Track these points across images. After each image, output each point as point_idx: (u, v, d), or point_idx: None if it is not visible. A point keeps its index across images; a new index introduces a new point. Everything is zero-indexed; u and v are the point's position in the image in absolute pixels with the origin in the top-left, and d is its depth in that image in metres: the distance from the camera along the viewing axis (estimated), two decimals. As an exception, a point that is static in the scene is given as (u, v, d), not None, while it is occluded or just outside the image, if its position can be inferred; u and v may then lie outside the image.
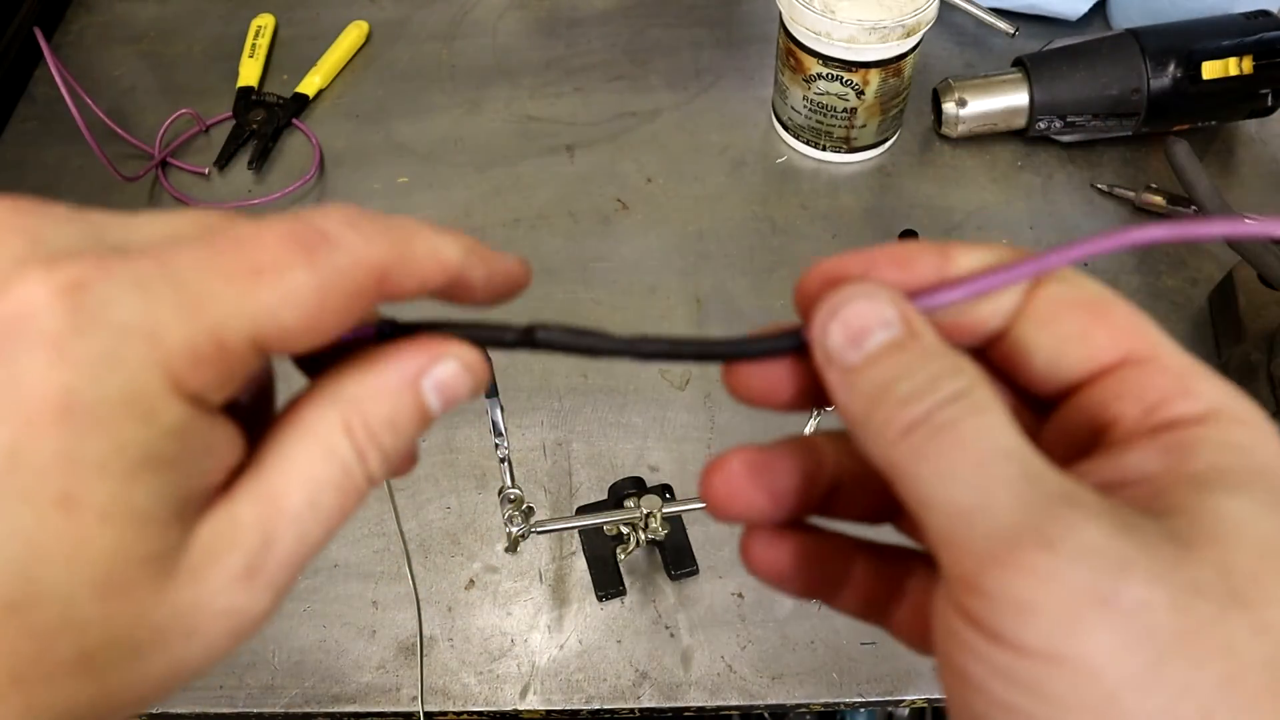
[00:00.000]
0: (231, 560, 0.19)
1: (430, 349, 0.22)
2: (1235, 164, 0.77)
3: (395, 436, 0.21)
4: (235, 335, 0.18)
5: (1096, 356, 0.21)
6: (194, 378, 0.18)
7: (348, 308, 0.19)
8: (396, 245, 0.20)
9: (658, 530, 0.52)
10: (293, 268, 0.19)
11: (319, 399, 0.21)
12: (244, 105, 0.82)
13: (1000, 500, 0.18)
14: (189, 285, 0.18)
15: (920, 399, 0.19)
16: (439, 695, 0.55)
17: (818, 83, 0.71)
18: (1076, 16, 0.84)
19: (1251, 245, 0.61)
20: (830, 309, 0.21)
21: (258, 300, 0.18)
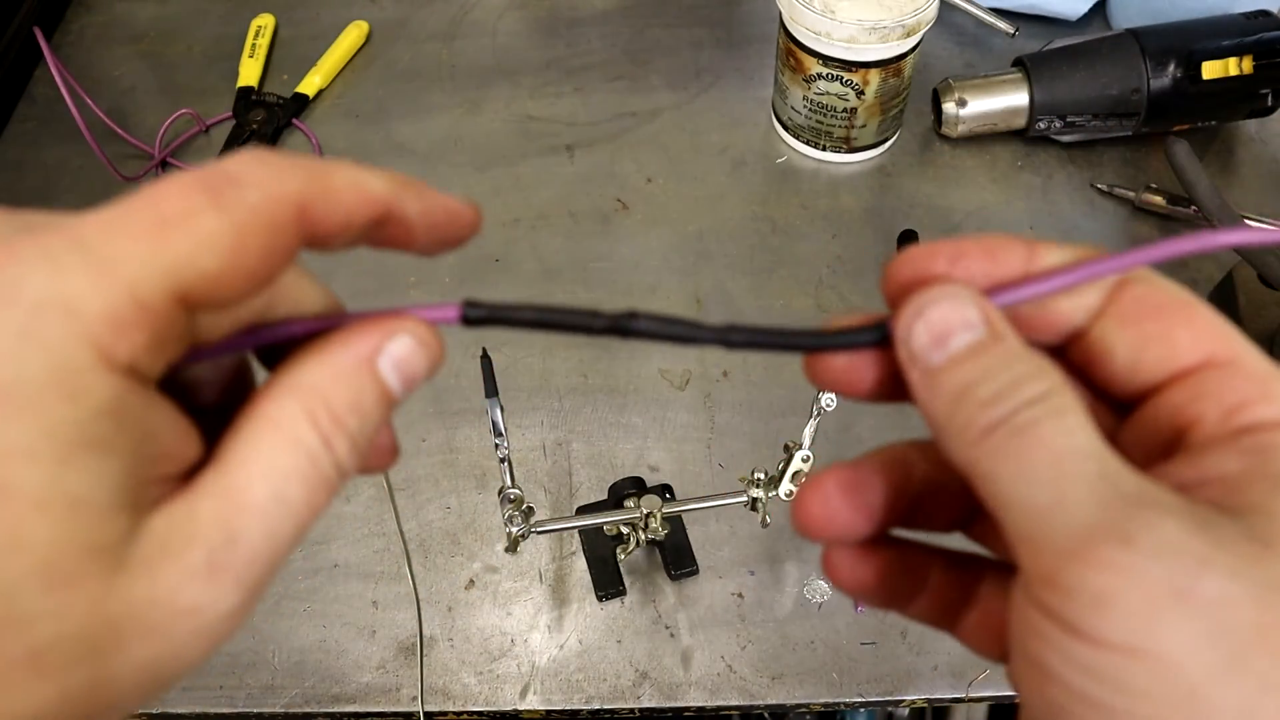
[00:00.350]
0: (191, 555, 0.18)
1: (382, 326, 0.21)
2: (1235, 164, 0.77)
3: (360, 420, 0.20)
4: (154, 291, 0.17)
5: (1177, 358, 0.21)
6: (121, 345, 0.17)
7: (268, 246, 0.19)
8: (313, 177, 0.19)
9: (658, 530, 0.52)
10: (200, 211, 0.18)
11: (277, 389, 0.20)
12: (244, 105, 0.82)
13: (1078, 498, 0.18)
14: (97, 249, 0.17)
15: (1001, 400, 0.19)
16: (439, 695, 0.55)
17: (818, 83, 0.71)
18: (1076, 16, 0.84)
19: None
20: (915, 309, 0.21)
21: (170, 251, 0.17)
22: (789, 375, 0.66)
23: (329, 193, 0.20)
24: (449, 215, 0.23)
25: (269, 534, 0.19)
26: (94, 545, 0.17)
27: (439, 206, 0.22)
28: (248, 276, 0.18)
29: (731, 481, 0.60)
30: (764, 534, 0.59)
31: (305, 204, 0.19)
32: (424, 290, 0.71)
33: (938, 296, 0.21)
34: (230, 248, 0.18)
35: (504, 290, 0.70)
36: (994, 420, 0.19)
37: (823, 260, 0.71)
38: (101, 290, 0.17)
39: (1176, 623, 0.17)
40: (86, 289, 0.17)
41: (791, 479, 0.50)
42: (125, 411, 0.17)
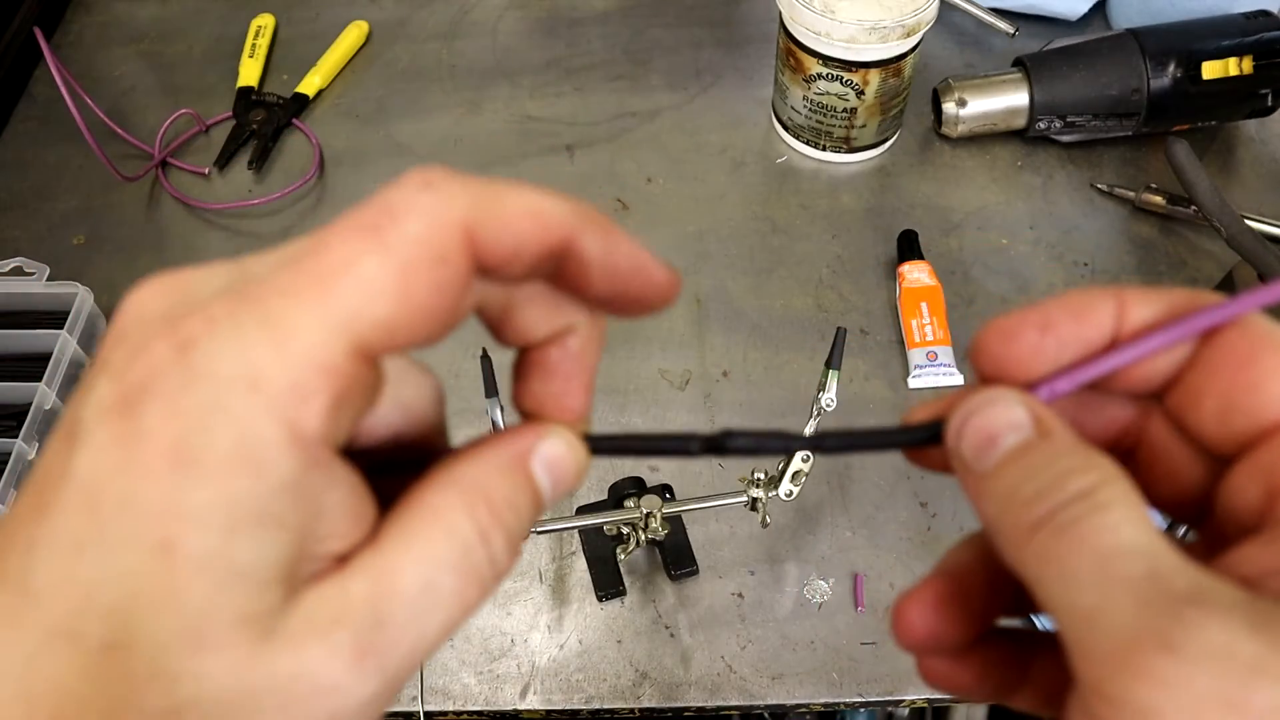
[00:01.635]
0: (338, 634, 0.17)
1: (535, 429, 0.21)
2: (1235, 164, 0.77)
3: (516, 517, 0.20)
4: (332, 353, 0.17)
5: (1267, 408, 0.19)
6: (307, 413, 0.17)
7: (438, 280, 0.18)
8: (481, 198, 0.18)
9: (658, 530, 0.52)
10: (361, 255, 0.17)
11: (440, 480, 0.20)
12: (244, 105, 0.82)
13: (1120, 601, 0.17)
14: (275, 318, 0.17)
15: (1044, 498, 0.19)
16: (439, 695, 0.55)
17: (818, 83, 0.71)
18: (1076, 16, 0.84)
19: (1252, 245, 0.61)
20: (962, 416, 0.21)
21: (339, 306, 0.17)
22: (789, 375, 0.66)
23: (499, 216, 0.19)
24: (635, 267, 0.21)
25: (414, 621, 0.18)
26: (246, 615, 0.17)
27: (625, 254, 0.20)
28: (424, 314, 0.18)
29: (731, 481, 0.60)
30: (764, 534, 0.59)
31: (473, 228, 0.18)
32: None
33: (983, 402, 0.21)
34: (398, 288, 0.17)
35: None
36: (1037, 519, 0.18)
37: (823, 260, 0.71)
38: (284, 361, 0.17)
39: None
40: (271, 362, 0.17)
41: (791, 479, 0.50)
42: (304, 489, 0.17)
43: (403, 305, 0.18)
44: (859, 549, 0.58)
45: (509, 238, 0.19)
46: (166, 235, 0.75)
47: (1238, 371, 0.20)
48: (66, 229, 0.75)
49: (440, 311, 0.18)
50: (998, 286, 0.70)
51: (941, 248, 0.72)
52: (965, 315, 0.68)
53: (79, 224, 0.75)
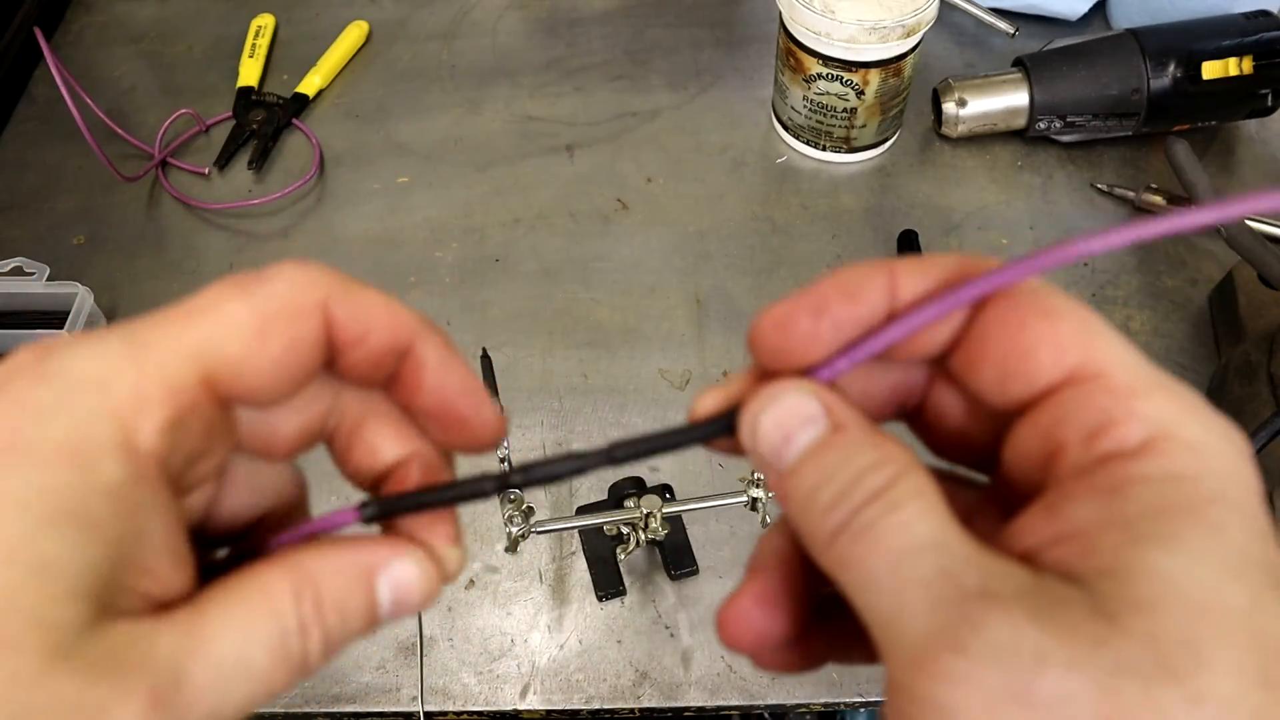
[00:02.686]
0: (134, 679, 0.17)
1: (395, 545, 0.21)
2: (1235, 164, 0.77)
3: (341, 621, 0.20)
4: (180, 372, 0.18)
5: (1039, 373, 0.19)
6: (144, 422, 0.18)
7: (291, 335, 0.19)
8: (344, 282, 0.20)
9: (658, 530, 0.52)
10: (227, 300, 0.19)
11: (276, 562, 0.20)
12: (244, 105, 0.82)
13: (914, 604, 0.17)
14: (136, 336, 0.18)
15: (841, 503, 0.19)
16: (439, 695, 0.55)
17: (818, 83, 0.71)
18: (1076, 16, 0.84)
19: (1252, 245, 0.61)
20: (753, 415, 0.21)
21: (195, 334, 0.19)
22: (789, 375, 0.66)
23: (355, 299, 0.20)
24: (465, 389, 0.22)
25: (219, 690, 0.18)
26: (45, 618, 0.16)
27: (460, 374, 0.22)
28: (273, 363, 0.19)
29: (731, 481, 0.60)
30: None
31: (330, 303, 0.20)
32: (425, 290, 0.71)
33: (773, 397, 0.21)
34: (253, 332, 0.19)
35: (504, 289, 0.70)
36: (836, 526, 0.19)
37: (823, 260, 0.71)
38: (133, 369, 0.18)
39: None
40: (121, 369, 0.18)
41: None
42: (126, 500, 0.17)
43: (255, 349, 0.19)
44: (859, 549, 0.58)
45: (360, 320, 0.20)
46: (166, 235, 0.75)
47: (1011, 337, 0.20)
48: (66, 229, 0.75)
49: (288, 366, 0.19)
50: (998, 286, 0.70)
51: (941, 248, 0.72)
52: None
53: (79, 224, 0.75)
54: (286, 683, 0.19)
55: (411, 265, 0.72)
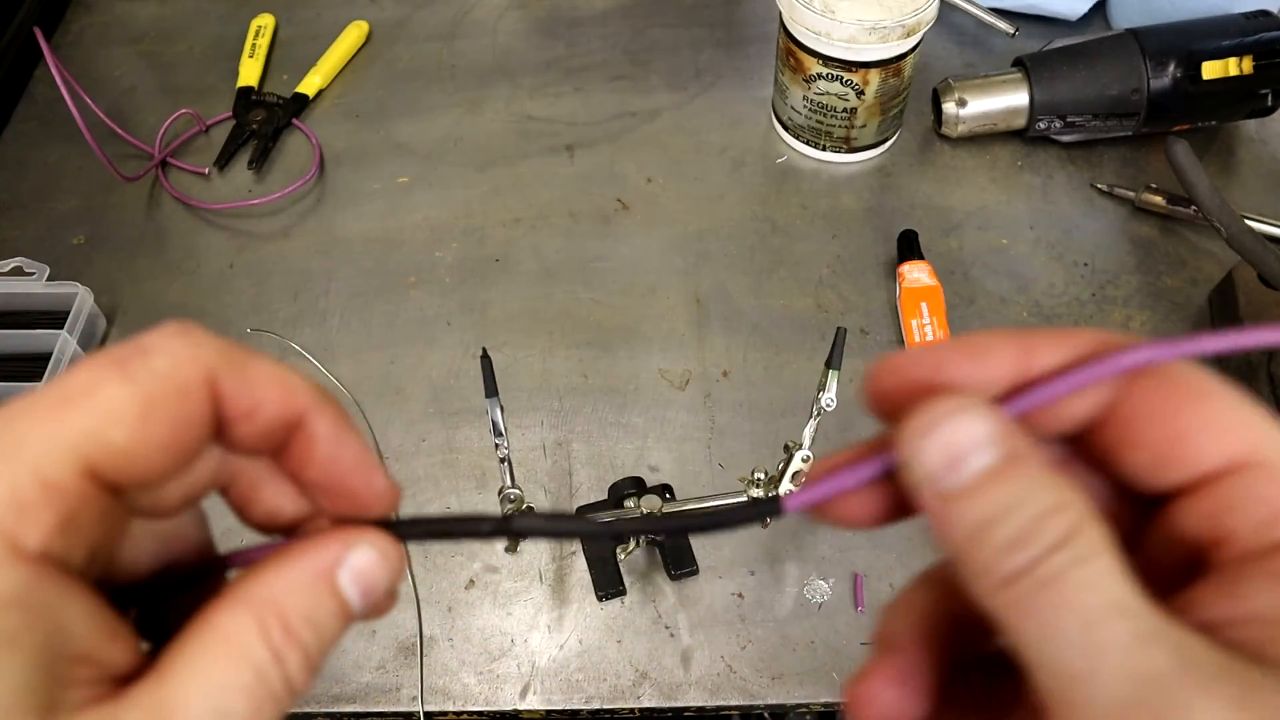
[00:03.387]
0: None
1: (342, 538, 0.20)
2: (1235, 164, 0.77)
3: (315, 634, 0.19)
4: (60, 469, 0.17)
5: (1200, 459, 0.19)
6: (28, 529, 0.16)
7: (177, 414, 0.18)
8: (231, 354, 0.19)
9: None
10: (105, 383, 0.18)
11: (230, 599, 0.19)
12: (244, 105, 0.82)
13: (1110, 669, 0.16)
14: (6, 434, 0.17)
15: (1023, 546, 0.18)
16: (439, 695, 0.55)
17: (818, 83, 0.71)
18: (1076, 16, 0.84)
19: (1252, 245, 0.61)
20: (922, 427, 0.19)
21: (73, 426, 0.17)
22: (789, 375, 0.66)
23: (243, 370, 0.19)
24: (358, 462, 0.21)
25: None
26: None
27: (352, 447, 0.21)
28: (160, 447, 0.18)
29: (731, 481, 0.60)
30: (764, 534, 0.59)
31: (216, 376, 0.19)
32: (424, 290, 0.71)
33: (947, 411, 0.19)
34: (137, 417, 0.18)
35: (504, 289, 0.70)
36: (1016, 570, 0.18)
37: (823, 260, 0.71)
38: (6, 472, 0.17)
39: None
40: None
41: (791, 479, 0.50)
42: (34, 604, 0.16)
43: (139, 434, 0.18)
44: (859, 549, 0.58)
45: (249, 394, 0.19)
46: (166, 235, 0.75)
47: (1168, 421, 0.19)
48: (66, 229, 0.75)
49: (175, 448, 0.18)
50: (998, 286, 0.70)
51: (941, 248, 0.72)
52: (965, 315, 0.68)
53: (79, 224, 0.75)
54: (276, 715, 0.19)
55: (411, 265, 0.72)
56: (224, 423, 0.19)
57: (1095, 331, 0.20)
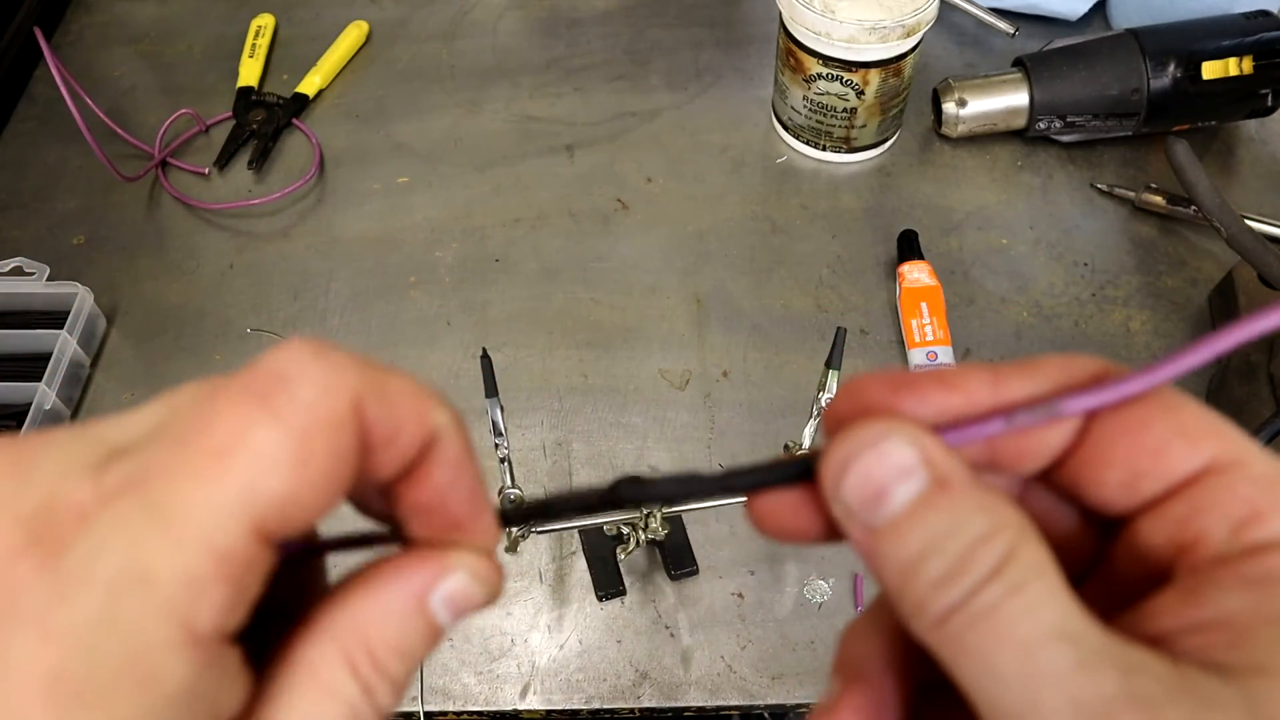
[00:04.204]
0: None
1: (436, 561, 0.19)
2: (1235, 164, 0.77)
3: (404, 662, 0.18)
4: (230, 537, 0.16)
5: (1176, 468, 0.18)
6: (203, 607, 0.16)
7: (333, 448, 0.17)
8: (370, 375, 0.18)
9: (658, 530, 0.52)
10: (255, 426, 0.16)
11: (318, 631, 0.18)
12: (244, 105, 0.82)
13: (1051, 701, 0.16)
14: (163, 503, 0.16)
15: (955, 581, 0.17)
16: (439, 695, 0.55)
17: (818, 83, 0.71)
18: (1076, 16, 0.84)
19: (1252, 245, 0.61)
20: (842, 457, 0.18)
21: (234, 485, 0.16)
22: (789, 375, 0.66)
23: (386, 395, 0.18)
24: (471, 494, 0.20)
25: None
26: None
27: (470, 478, 0.20)
28: (322, 484, 0.17)
29: (731, 481, 0.60)
30: (764, 534, 0.59)
31: (361, 401, 0.17)
32: (424, 290, 0.71)
33: (867, 440, 0.18)
34: (294, 460, 0.16)
35: (504, 289, 0.70)
36: (949, 606, 0.17)
37: (823, 260, 0.71)
38: (177, 552, 0.15)
39: None
40: (160, 554, 0.15)
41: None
42: (199, 691, 0.16)
43: (301, 477, 0.16)
44: (859, 549, 0.58)
45: (392, 419, 0.18)
46: (166, 235, 0.75)
47: (1139, 436, 0.19)
48: (66, 229, 0.75)
49: (336, 480, 0.17)
50: (998, 286, 0.70)
51: (941, 248, 0.72)
52: (965, 315, 0.68)
53: (79, 224, 0.75)
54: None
55: (411, 265, 0.72)
56: (365, 451, 0.18)
57: (1067, 361, 0.19)
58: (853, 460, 0.18)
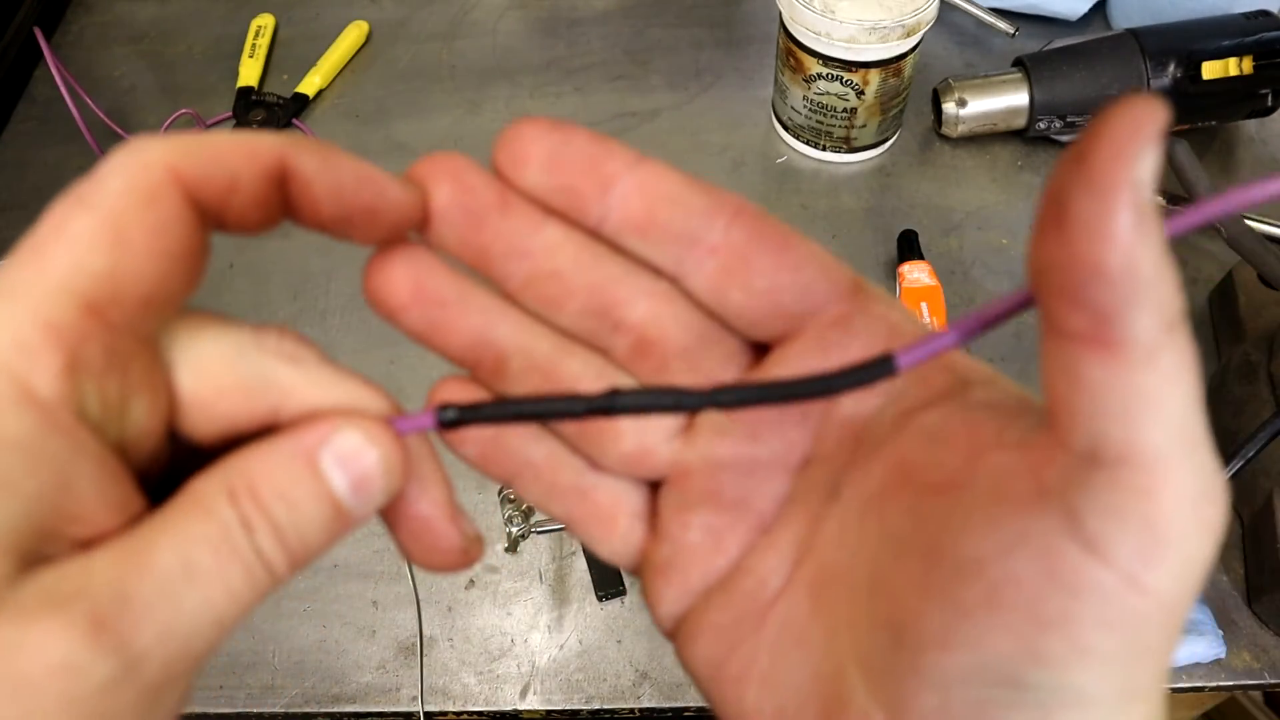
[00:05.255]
0: (73, 608, 0.16)
1: (331, 422, 0.20)
2: (1235, 164, 0.77)
3: (290, 512, 0.19)
4: (56, 308, 0.17)
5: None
6: (38, 371, 0.17)
7: (153, 221, 0.18)
8: (187, 143, 0.18)
9: (658, 530, 0.52)
10: (68, 220, 0.17)
11: (208, 472, 0.19)
12: (244, 105, 0.82)
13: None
14: (6, 283, 0.17)
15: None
16: (439, 695, 0.55)
17: (818, 83, 0.71)
18: (1076, 16, 0.84)
19: (1252, 245, 0.61)
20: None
21: (54, 265, 0.17)
22: (789, 375, 0.66)
23: (203, 151, 0.19)
24: (361, 179, 0.21)
25: (167, 599, 0.17)
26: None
27: (349, 169, 0.20)
28: (147, 258, 0.18)
29: (731, 481, 0.60)
30: (764, 534, 0.59)
31: (177, 166, 0.18)
32: (424, 290, 0.70)
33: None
34: (109, 238, 0.17)
35: (504, 290, 0.70)
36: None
37: (823, 260, 0.71)
38: (9, 323, 0.17)
39: None
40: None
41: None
42: (38, 451, 0.16)
43: (119, 253, 0.17)
44: (859, 549, 0.58)
45: (218, 169, 0.19)
46: (166, 235, 0.75)
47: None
48: (66, 229, 0.75)
49: (164, 254, 0.18)
50: (998, 286, 0.70)
51: (941, 248, 0.72)
52: (965, 315, 0.68)
53: (79, 224, 0.75)
54: (248, 585, 0.18)
55: (411, 265, 0.72)
56: (213, 209, 0.19)
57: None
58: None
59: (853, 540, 0.21)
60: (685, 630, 0.23)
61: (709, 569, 0.23)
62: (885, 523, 0.20)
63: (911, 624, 0.18)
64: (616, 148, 0.22)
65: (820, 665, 0.20)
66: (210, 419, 0.20)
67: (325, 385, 0.21)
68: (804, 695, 0.21)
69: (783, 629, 0.21)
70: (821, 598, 0.21)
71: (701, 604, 0.23)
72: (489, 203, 0.23)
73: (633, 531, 0.24)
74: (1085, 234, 0.15)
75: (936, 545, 0.18)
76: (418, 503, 0.21)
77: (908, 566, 0.19)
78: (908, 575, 0.19)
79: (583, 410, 0.20)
